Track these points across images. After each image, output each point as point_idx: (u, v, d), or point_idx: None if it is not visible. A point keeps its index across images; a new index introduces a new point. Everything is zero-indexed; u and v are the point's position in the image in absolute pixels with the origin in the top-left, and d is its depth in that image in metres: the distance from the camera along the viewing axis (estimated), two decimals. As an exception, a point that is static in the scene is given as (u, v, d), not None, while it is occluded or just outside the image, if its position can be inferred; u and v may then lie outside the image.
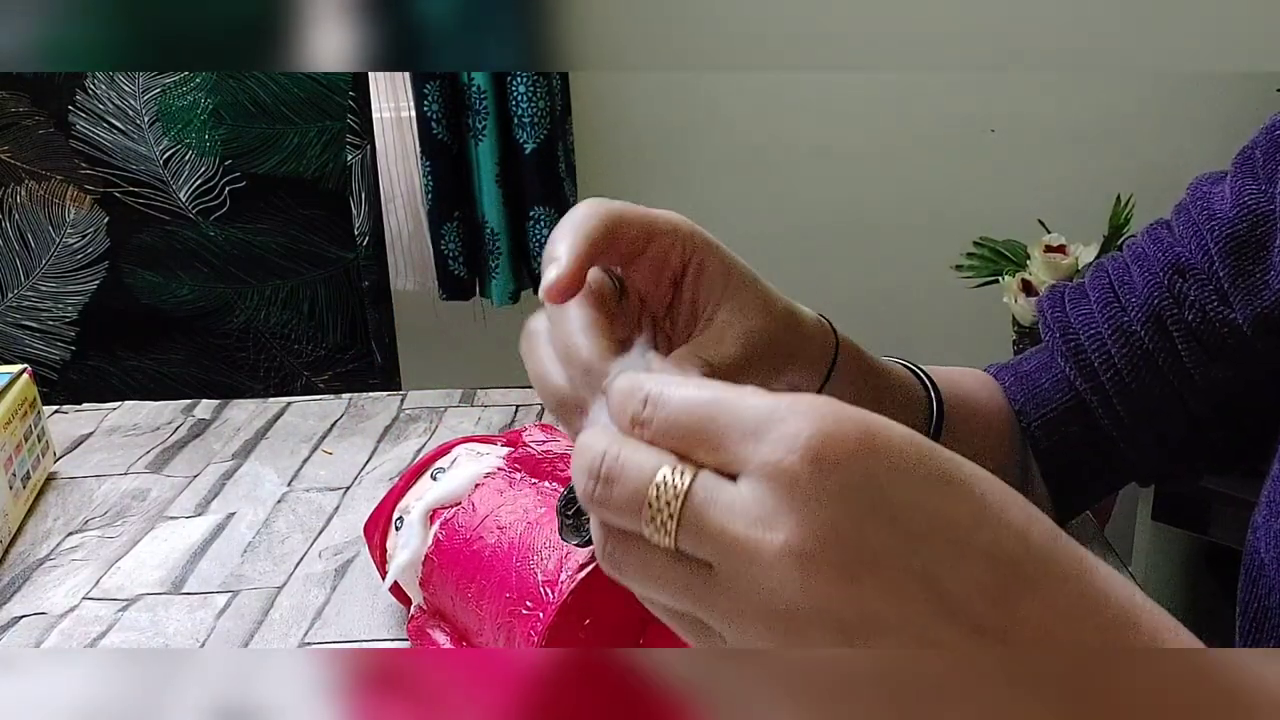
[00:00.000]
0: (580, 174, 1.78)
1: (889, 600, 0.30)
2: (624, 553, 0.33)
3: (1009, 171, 1.85)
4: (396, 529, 0.60)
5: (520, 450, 0.58)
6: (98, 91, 1.22)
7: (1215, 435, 0.64)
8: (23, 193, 1.24)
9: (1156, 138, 1.82)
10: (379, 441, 0.88)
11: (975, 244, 1.67)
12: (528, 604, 0.49)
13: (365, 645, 0.63)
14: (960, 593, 0.30)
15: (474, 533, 0.55)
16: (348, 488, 0.81)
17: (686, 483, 0.31)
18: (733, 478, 0.31)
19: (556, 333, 0.43)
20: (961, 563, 0.30)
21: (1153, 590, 0.63)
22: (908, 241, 1.88)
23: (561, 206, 1.69)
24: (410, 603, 0.60)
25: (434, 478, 0.60)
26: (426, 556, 0.57)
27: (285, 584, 0.69)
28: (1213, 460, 0.66)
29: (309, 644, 0.64)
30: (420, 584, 0.57)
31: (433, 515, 0.58)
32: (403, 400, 0.96)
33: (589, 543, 0.47)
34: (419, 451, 0.86)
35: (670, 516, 0.31)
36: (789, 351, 0.50)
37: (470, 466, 0.59)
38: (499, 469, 0.58)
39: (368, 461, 0.85)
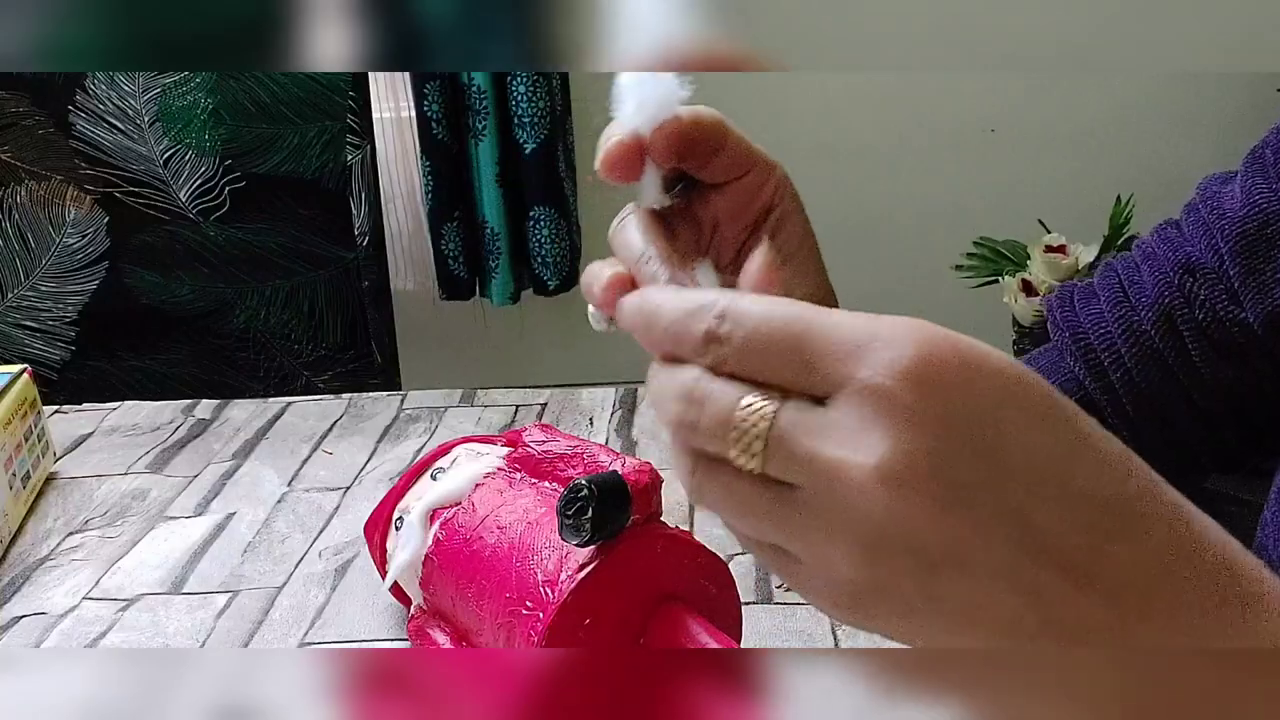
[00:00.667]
0: (580, 174, 1.78)
1: (978, 534, 0.29)
2: (709, 478, 0.32)
3: (1009, 171, 1.85)
4: (396, 529, 0.60)
5: (520, 450, 0.58)
6: (98, 91, 1.22)
7: (1226, 434, 0.64)
8: (23, 193, 1.24)
9: (1156, 138, 1.82)
10: (379, 441, 0.88)
11: (975, 244, 1.66)
12: (528, 604, 0.49)
13: (365, 645, 0.63)
14: (1051, 530, 0.30)
15: (474, 533, 0.55)
16: (348, 488, 0.81)
17: (775, 405, 0.31)
18: (820, 400, 0.31)
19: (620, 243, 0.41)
20: (1055, 501, 0.30)
21: (1153, 590, 0.62)
22: (908, 241, 1.88)
23: (562, 206, 1.69)
24: (410, 603, 0.60)
25: (434, 478, 0.60)
26: (426, 556, 0.57)
27: (285, 584, 0.69)
28: (1222, 460, 0.66)
29: (309, 644, 0.64)
30: (420, 584, 0.57)
31: (433, 515, 0.58)
32: (403, 400, 0.96)
33: (589, 542, 0.47)
34: (419, 451, 0.86)
35: (757, 438, 0.31)
36: None
37: (470, 466, 0.59)
38: (499, 469, 0.58)
39: (368, 461, 0.85)
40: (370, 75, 1.43)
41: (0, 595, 0.70)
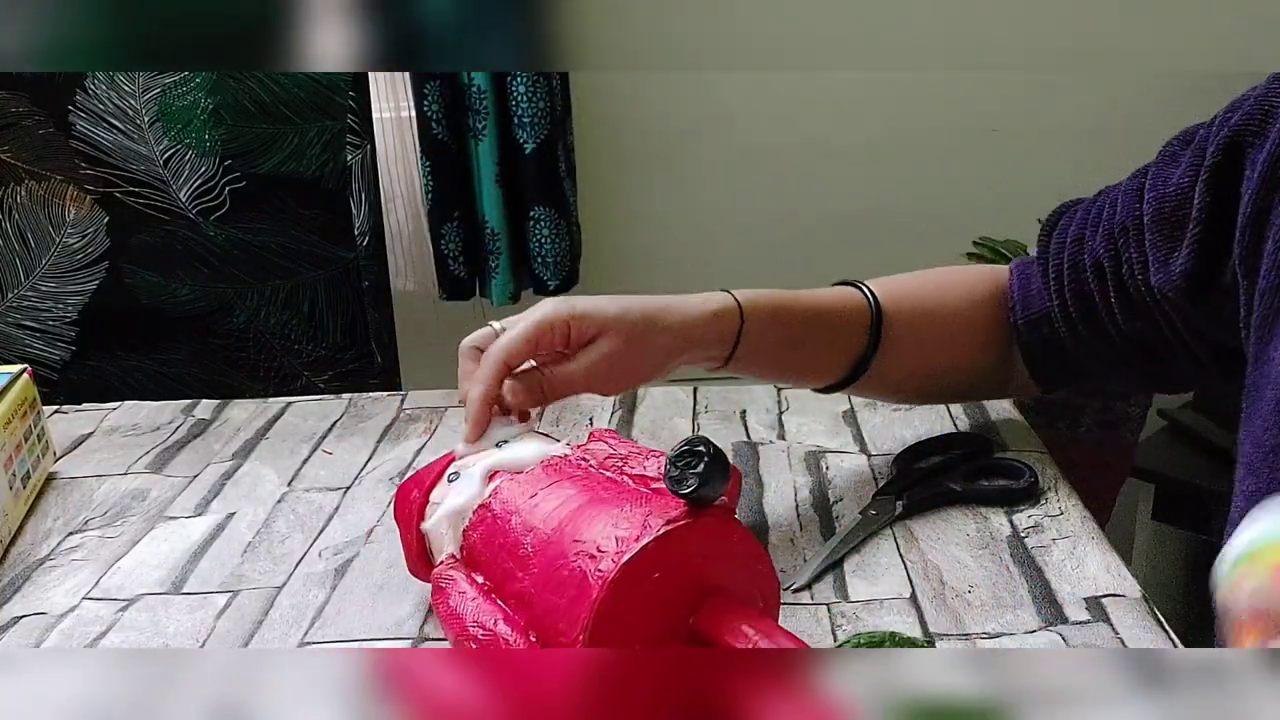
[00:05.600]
0: (580, 174, 1.78)
1: None
2: None
3: (1009, 171, 1.85)
4: (449, 480, 0.60)
5: (589, 444, 0.59)
6: (98, 91, 1.21)
7: (1136, 370, 0.74)
8: (23, 193, 1.24)
9: (1156, 138, 1.81)
10: (379, 441, 0.88)
11: (975, 244, 1.66)
12: (598, 548, 0.48)
13: (365, 645, 0.63)
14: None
15: (541, 490, 0.54)
16: (348, 488, 0.81)
17: None
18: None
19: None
20: None
21: (1153, 590, 0.63)
22: (908, 241, 1.88)
23: (561, 206, 1.69)
24: (428, 569, 0.60)
25: (498, 446, 0.60)
26: (482, 505, 0.57)
27: (285, 584, 0.69)
28: (1147, 385, 0.79)
29: (309, 644, 0.64)
30: (466, 530, 0.57)
31: (493, 475, 0.58)
32: (403, 400, 0.96)
33: (690, 496, 0.47)
34: (419, 451, 0.86)
35: None
36: (674, 348, 0.67)
37: (538, 445, 0.59)
38: (567, 456, 0.58)
39: (368, 461, 0.85)
40: (370, 75, 1.43)
41: (0, 595, 0.70)
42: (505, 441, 0.61)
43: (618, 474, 0.56)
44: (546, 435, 0.64)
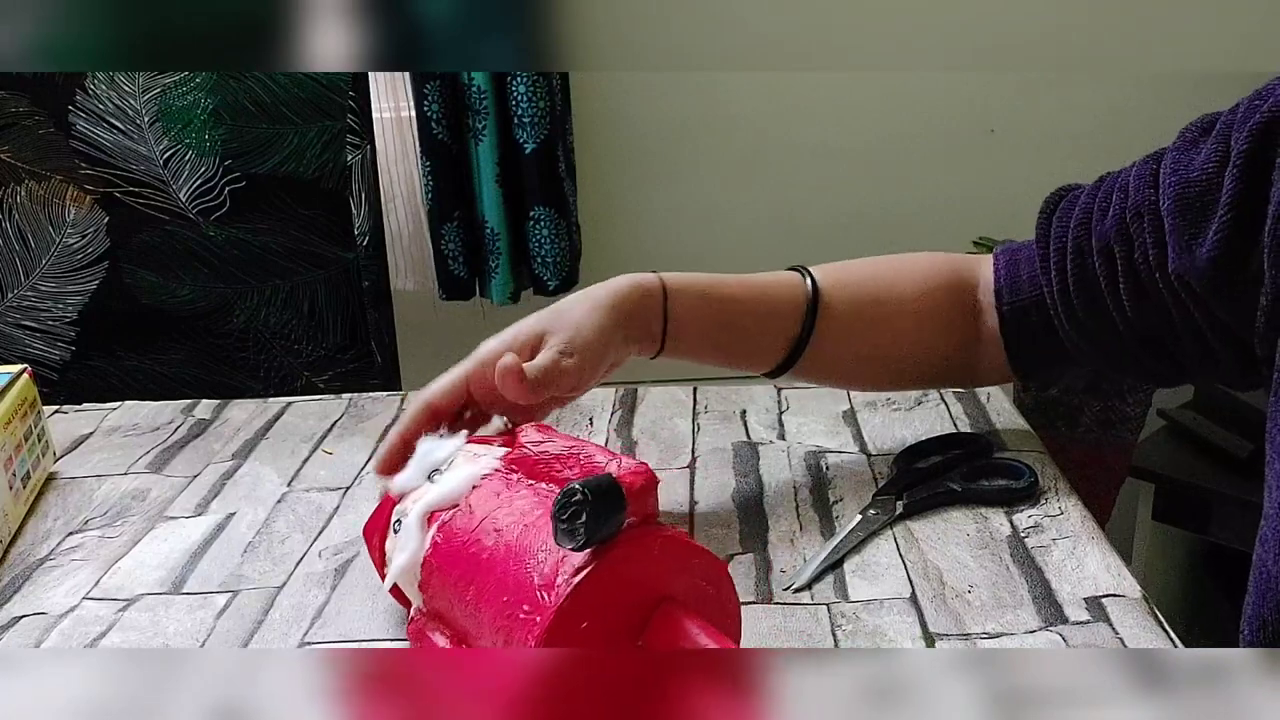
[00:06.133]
0: (580, 174, 1.78)
1: None
2: None
3: (1009, 171, 1.85)
4: (395, 531, 0.60)
5: (517, 451, 0.58)
6: (98, 91, 1.22)
7: (1145, 361, 0.72)
8: (23, 193, 1.24)
9: (1156, 138, 1.81)
10: (379, 441, 0.88)
11: (975, 244, 1.66)
12: (524, 608, 0.49)
13: (365, 645, 0.63)
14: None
15: (471, 536, 0.54)
16: (348, 488, 0.81)
17: None
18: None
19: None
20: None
21: (1153, 590, 0.63)
22: (908, 241, 1.87)
23: (561, 206, 1.69)
24: (410, 605, 0.60)
25: (430, 479, 0.60)
26: (425, 559, 0.57)
27: (285, 584, 0.69)
28: (1141, 376, 0.75)
29: (309, 644, 0.64)
30: (419, 587, 0.57)
31: (430, 517, 0.58)
32: (403, 400, 0.96)
33: (584, 546, 0.47)
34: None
35: None
36: (605, 316, 0.68)
37: (467, 468, 0.59)
38: (496, 470, 0.58)
39: (368, 461, 0.85)
40: (370, 75, 1.43)
41: (0, 595, 0.70)
42: (437, 471, 0.60)
43: (548, 480, 0.56)
44: (480, 440, 0.63)
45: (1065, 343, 0.74)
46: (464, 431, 0.63)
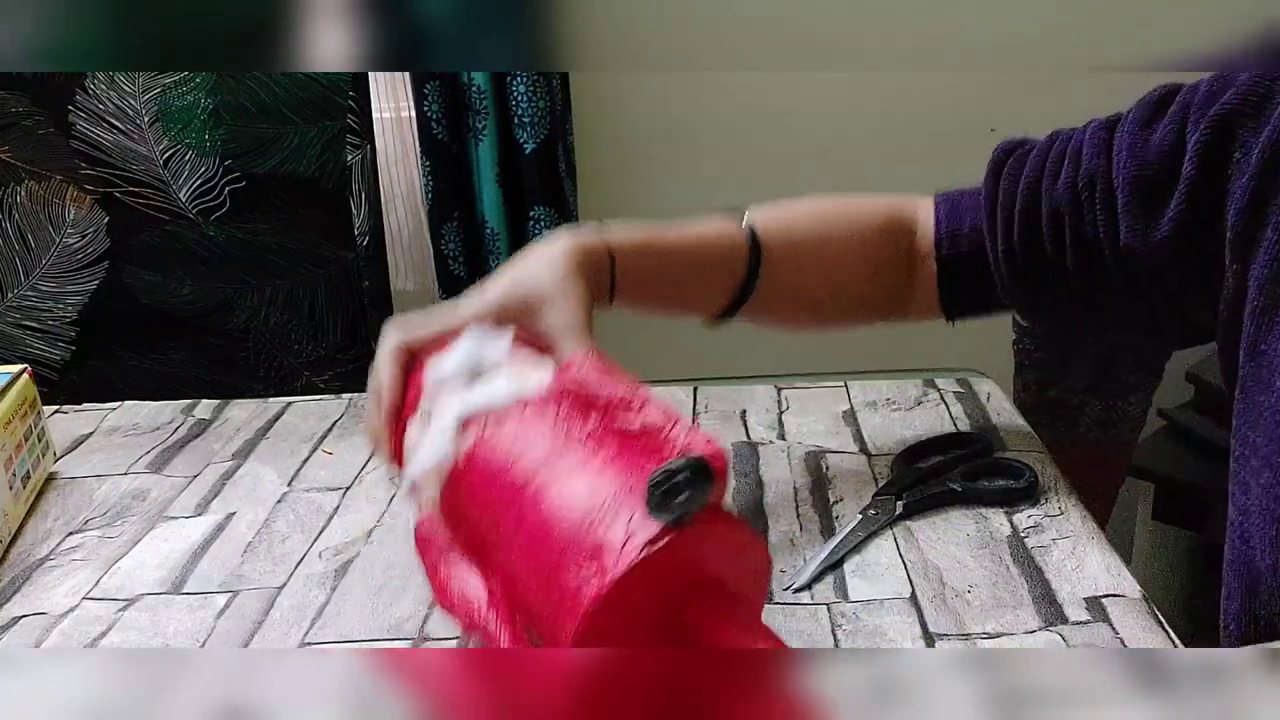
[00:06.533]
0: (580, 174, 1.78)
1: None
2: None
3: (1009, 171, 1.85)
4: (424, 420, 0.56)
5: (571, 379, 0.54)
6: (98, 91, 1.21)
7: (1078, 315, 0.73)
8: (23, 193, 1.24)
9: (1156, 138, 1.81)
10: (379, 441, 0.88)
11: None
12: (584, 564, 0.46)
13: (365, 645, 0.63)
14: None
15: (516, 463, 0.51)
16: (348, 488, 0.81)
17: None
18: None
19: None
20: None
21: (1153, 590, 0.63)
22: (908, 241, 1.88)
23: (562, 206, 1.69)
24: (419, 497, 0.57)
25: (474, 376, 0.57)
26: (454, 470, 0.53)
27: (285, 584, 0.69)
28: (1074, 330, 0.80)
29: (309, 644, 0.64)
30: (443, 490, 0.54)
31: (467, 423, 0.54)
32: (403, 400, 0.96)
33: (679, 521, 0.46)
34: (419, 451, 0.86)
35: None
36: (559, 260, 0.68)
37: (513, 383, 0.55)
38: (546, 397, 0.54)
39: (368, 461, 0.85)
40: (370, 75, 1.43)
41: (0, 595, 0.70)
42: (480, 372, 0.57)
43: (602, 430, 0.52)
44: (529, 342, 0.60)
45: (1000, 293, 0.76)
46: (512, 329, 0.61)
